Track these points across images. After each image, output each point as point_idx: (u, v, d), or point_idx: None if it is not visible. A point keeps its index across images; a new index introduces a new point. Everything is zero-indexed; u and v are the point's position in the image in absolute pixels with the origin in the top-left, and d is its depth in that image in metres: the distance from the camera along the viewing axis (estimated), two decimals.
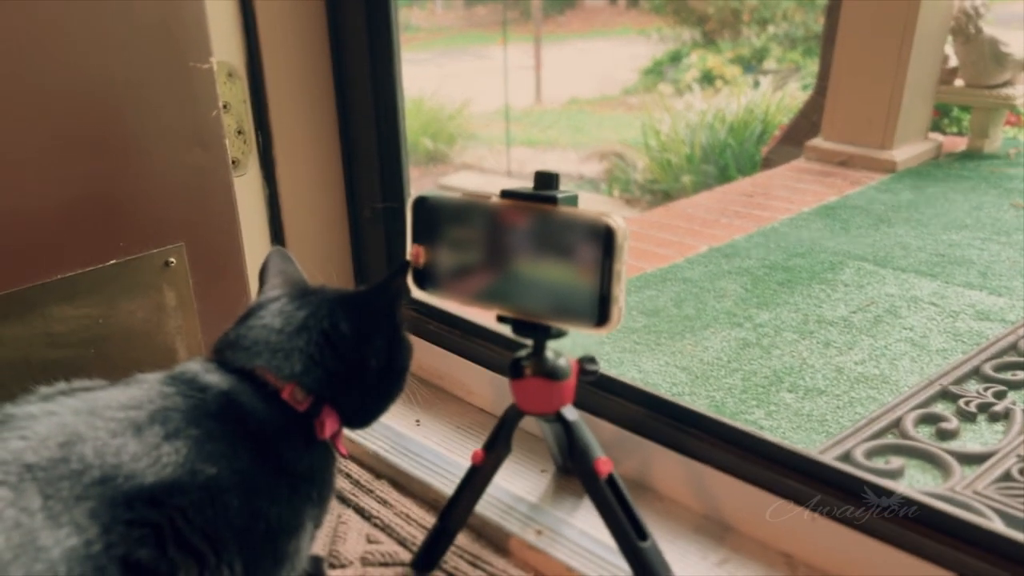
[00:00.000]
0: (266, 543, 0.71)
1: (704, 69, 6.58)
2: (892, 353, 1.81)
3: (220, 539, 0.66)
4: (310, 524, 0.76)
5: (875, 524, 0.85)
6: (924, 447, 1.43)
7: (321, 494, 0.77)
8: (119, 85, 0.91)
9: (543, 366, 0.86)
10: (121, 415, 0.66)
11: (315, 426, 0.75)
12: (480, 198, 0.81)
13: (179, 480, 0.64)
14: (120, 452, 0.63)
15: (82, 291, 0.93)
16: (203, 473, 0.66)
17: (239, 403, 0.72)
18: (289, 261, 0.87)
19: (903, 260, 2.37)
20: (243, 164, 1.19)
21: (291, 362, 0.75)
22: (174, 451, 0.65)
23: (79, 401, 0.67)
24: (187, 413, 0.69)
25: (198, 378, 0.73)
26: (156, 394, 0.70)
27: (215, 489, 0.66)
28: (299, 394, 0.74)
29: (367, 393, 0.80)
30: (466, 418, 1.20)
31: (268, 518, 0.70)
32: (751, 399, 1.63)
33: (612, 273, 0.74)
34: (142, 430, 0.66)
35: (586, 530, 0.96)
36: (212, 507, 0.66)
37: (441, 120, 6.31)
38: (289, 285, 0.83)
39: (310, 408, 0.75)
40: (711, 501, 0.98)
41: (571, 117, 7.06)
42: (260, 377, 0.74)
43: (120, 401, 0.68)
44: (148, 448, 0.65)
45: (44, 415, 0.65)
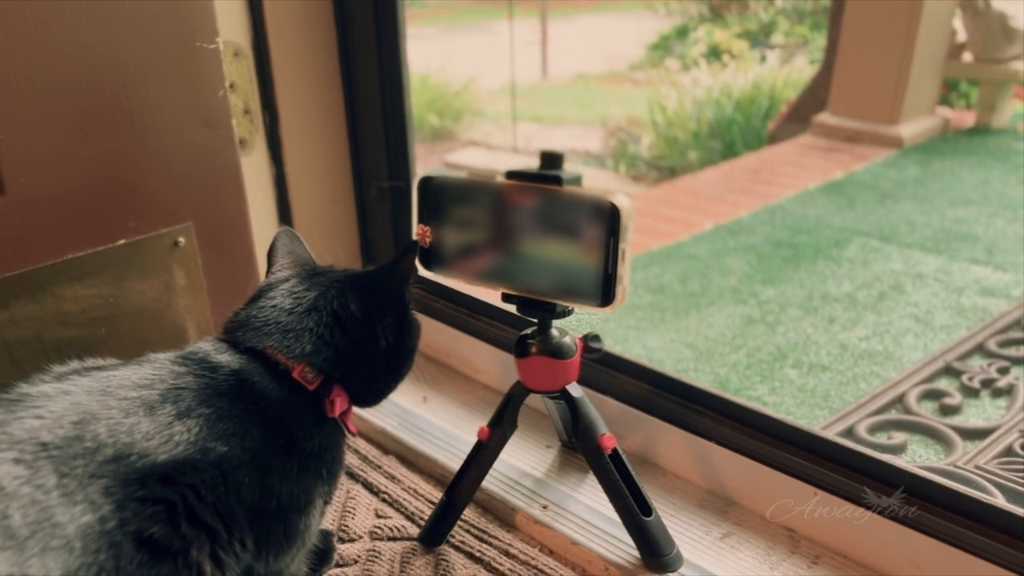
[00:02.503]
0: (277, 520, 0.72)
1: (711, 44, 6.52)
2: (896, 329, 1.81)
3: (232, 516, 0.67)
4: (320, 501, 0.77)
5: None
6: (927, 422, 1.44)
7: (331, 471, 0.78)
8: (125, 66, 0.91)
9: (548, 344, 0.87)
10: (134, 394, 0.68)
11: (325, 405, 0.77)
12: (485, 178, 0.82)
13: (191, 458, 0.66)
14: (133, 431, 0.64)
15: (92, 271, 0.94)
16: (215, 451, 0.67)
17: (250, 382, 0.73)
18: (297, 241, 0.88)
19: (908, 236, 2.36)
20: (250, 144, 1.20)
21: (301, 342, 0.76)
22: (186, 430, 0.67)
23: (92, 381, 0.68)
24: (199, 392, 0.70)
25: (209, 358, 0.74)
26: (168, 373, 0.71)
27: (227, 467, 0.67)
28: (309, 373, 0.75)
29: (376, 372, 0.81)
30: (472, 395, 1.21)
31: (279, 495, 0.71)
32: (755, 375, 1.64)
33: (617, 253, 0.75)
34: (154, 409, 0.67)
35: (591, 504, 0.98)
36: (224, 485, 0.67)
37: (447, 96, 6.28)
38: (298, 266, 0.83)
39: (320, 387, 0.76)
40: (715, 476, 1.00)
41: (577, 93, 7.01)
42: (271, 357, 0.75)
43: (132, 380, 0.69)
44: (160, 427, 0.66)
45: (58, 394, 0.66)
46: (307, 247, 0.88)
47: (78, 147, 0.90)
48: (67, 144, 0.89)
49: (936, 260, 2.19)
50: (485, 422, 0.93)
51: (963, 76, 3.89)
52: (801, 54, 5.98)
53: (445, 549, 0.94)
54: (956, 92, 4.17)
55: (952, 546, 0.81)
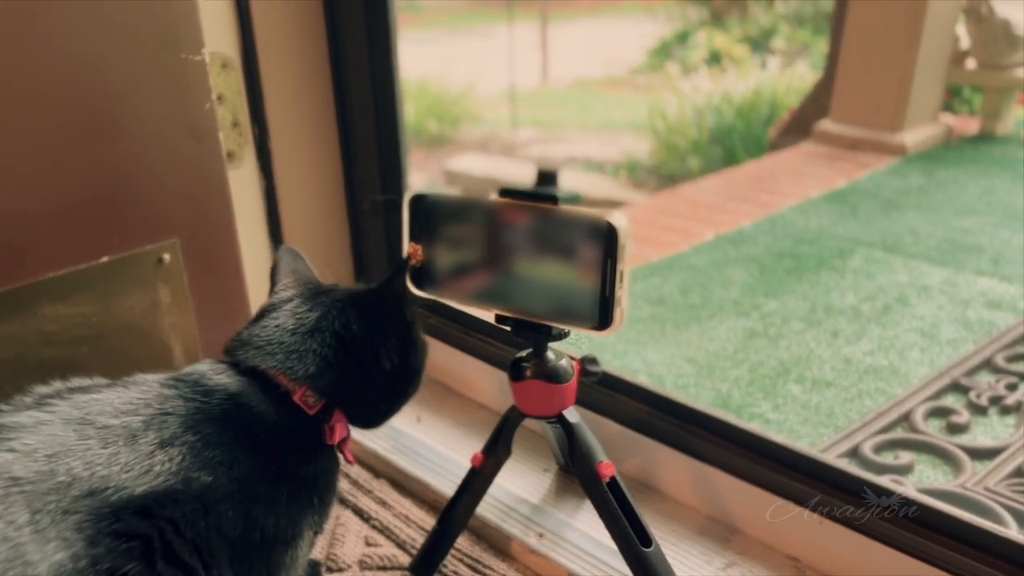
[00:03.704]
0: (260, 554, 0.69)
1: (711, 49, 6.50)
2: (901, 343, 1.78)
3: (212, 552, 0.64)
4: (308, 532, 0.74)
5: (882, 528, 0.84)
6: (934, 441, 1.41)
7: (323, 499, 0.75)
8: (107, 78, 0.89)
9: (544, 368, 0.84)
10: (115, 422, 0.65)
11: (324, 431, 0.74)
12: (478, 196, 0.79)
13: (172, 489, 0.63)
14: (111, 462, 0.62)
15: (75, 289, 0.92)
16: (198, 481, 0.65)
17: (247, 406, 0.71)
18: (300, 259, 0.86)
19: (913, 247, 2.33)
20: (239, 157, 1.17)
21: (305, 364, 0.74)
22: (168, 459, 0.64)
23: (72, 407, 0.66)
24: (186, 418, 0.68)
25: (204, 380, 0.72)
26: (155, 397, 0.69)
27: (209, 499, 0.65)
28: (311, 397, 0.73)
29: (380, 395, 0.79)
30: (467, 414, 1.18)
31: (264, 528, 0.69)
32: (758, 391, 1.61)
33: (614, 274, 0.72)
34: (136, 437, 0.64)
35: (589, 533, 0.95)
36: (205, 519, 0.64)
37: (446, 102, 6.25)
38: (302, 285, 0.81)
39: (320, 412, 0.74)
40: (716, 502, 0.97)
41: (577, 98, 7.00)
42: (272, 379, 0.73)
43: (115, 406, 0.67)
44: (141, 457, 0.63)
45: (34, 424, 0.63)
46: (309, 265, 0.86)
47: (59, 162, 0.87)
48: (47, 159, 0.86)
49: (941, 271, 2.16)
50: (480, 443, 0.91)
51: (966, 83, 3.87)
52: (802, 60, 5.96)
53: None
54: (959, 98, 4.15)
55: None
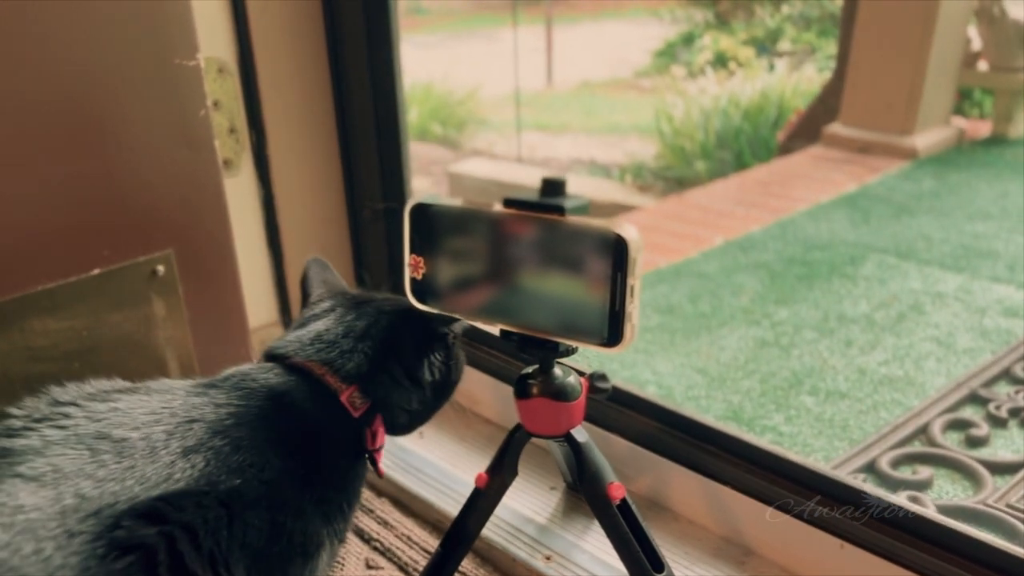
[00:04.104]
0: (281, 565, 0.66)
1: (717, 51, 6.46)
2: (917, 353, 1.75)
3: (230, 566, 0.61)
4: (329, 542, 0.72)
5: (904, 552, 0.80)
6: (953, 455, 1.37)
7: (351, 505, 0.75)
8: (99, 85, 0.86)
9: (551, 385, 0.80)
10: (134, 435, 0.63)
11: (366, 435, 0.75)
12: (481, 206, 0.76)
13: (191, 490, 0.60)
14: (125, 476, 0.60)
15: (64, 303, 0.89)
16: (225, 484, 0.62)
17: (290, 405, 0.71)
18: (329, 270, 0.87)
19: (926, 253, 2.30)
20: (236, 164, 1.14)
21: (357, 364, 0.75)
22: (190, 466, 0.62)
23: (89, 418, 0.64)
24: (215, 423, 0.66)
25: (245, 380, 0.72)
26: (180, 405, 0.67)
27: (236, 506, 0.62)
28: (357, 399, 0.74)
29: (420, 405, 0.80)
30: (471, 430, 1.15)
31: (291, 535, 0.66)
32: (770, 403, 1.58)
33: (624, 288, 0.68)
34: (156, 450, 0.62)
35: (598, 555, 0.92)
36: (229, 528, 0.61)
37: (451, 105, 6.23)
38: (339, 296, 0.82)
39: (363, 415, 0.74)
40: (730, 523, 0.93)
41: (583, 100, 6.97)
42: (320, 378, 0.73)
43: (136, 416, 0.65)
44: (160, 467, 0.61)
45: (43, 446, 0.61)
46: (339, 275, 0.87)
47: (48, 171, 0.85)
48: (36, 168, 0.84)
49: (956, 278, 2.12)
50: (485, 460, 0.87)
51: (978, 85, 3.83)
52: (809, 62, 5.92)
53: None
54: (969, 101, 4.11)
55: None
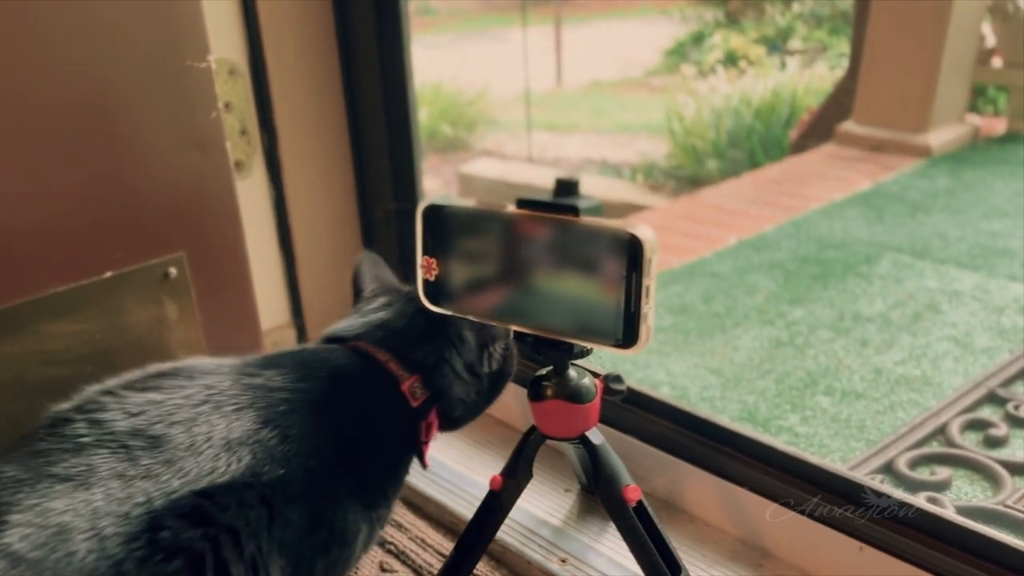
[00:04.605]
0: (323, 553, 0.66)
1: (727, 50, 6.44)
2: (934, 352, 1.73)
3: (268, 564, 0.61)
4: (368, 527, 0.72)
5: (925, 555, 0.79)
6: (972, 456, 1.36)
7: (394, 492, 0.76)
8: (110, 87, 0.86)
9: (565, 387, 0.80)
10: (174, 430, 0.62)
11: (421, 427, 0.76)
12: (495, 207, 0.75)
13: (235, 484, 0.60)
14: (161, 473, 0.59)
15: (77, 306, 0.89)
16: (267, 475, 0.62)
17: (348, 389, 0.72)
18: (381, 265, 0.88)
19: (942, 251, 2.27)
20: (247, 166, 1.14)
21: (421, 354, 0.76)
22: (235, 459, 0.62)
23: (126, 414, 0.63)
24: (266, 410, 0.66)
25: (309, 361, 0.72)
26: (228, 391, 0.67)
27: (278, 500, 0.62)
28: (418, 389, 0.75)
29: (477, 397, 0.82)
30: (485, 432, 1.14)
31: (331, 523, 0.67)
32: (785, 403, 1.56)
33: (640, 289, 0.67)
34: (197, 444, 0.62)
35: (614, 558, 0.91)
36: (269, 528, 0.61)
37: (460, 105, 6.23)
38: (394, 291, 0.83)
39: (421, 406, 0.75)
40: (747, 525, 0.92)
41: (593, 100, 6.95)
42: (383, 364, 0.74)
43: (178, 409, 0.64)
44: (203, 461, 0.61)
45: (79, 446, 0.60)
46: (390, 271, 0.88)
47: (59, 174, 0.85)
48: (47, 171, 0.83)
49: (973, 277, 2.09)
50: (499, 462, 0.86)
51: (993, 82, 3.79)
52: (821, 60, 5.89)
53: None
54: (984, 98, 4.07)
55: None
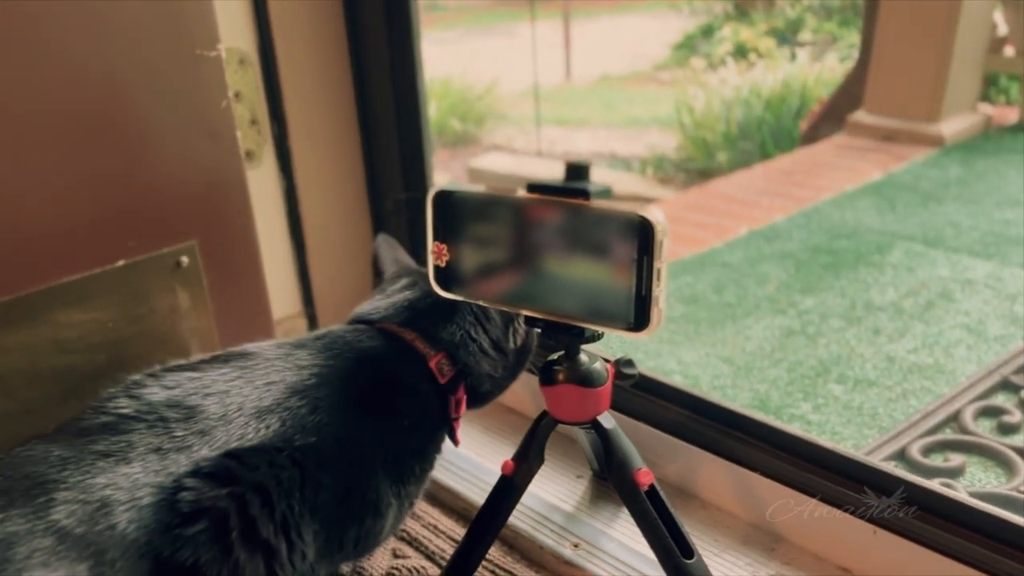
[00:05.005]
0: (353, 522, 0.68)
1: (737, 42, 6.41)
2: (947, 340, 1.72)
3: (299, 527, 0.62)
4: (398, 503, 0.74)
5: (940, 537, 0.79)
6: (985, 442, 1.35)
7: (423, 470, 0.78)
8: (121, 77, 0.86)
9: (577, 371, 0.80)
10: (208, 401, 0.64)
11: (451, 402, 0.78)
12: (505, 192, 0.75)
13: (264, 447, 0.62)
14: (194, 443, 0.61)
15: (90, 294, 0.89)
16: (299, 441, 0.64)
17: (377, 366, 0.74)
18: (398, 249, 0.92)
19: (955, 240, 2.26)
20: (258, 156, 1.14)
21: (447, 332, 0.78)
22: (264, 426, 0.64)
23: (164, 388, 0.65)
24: (294, 384, 0.68)
25: (338, 341, 0.75)
26: (259, 368, 0.69)
27: (309, 464, 0.64)
28: (445, 365, 0.77)
29: (503, 372, 0.84)
30: (496, 419, 1.14)
31: (363, 493, 0.69)
32: (797, 391, 1.56)
33: (651, 272, 0.67)
34: (229, 415, 0.64)
35: (626, 543, 0.91)
36: (300, 490, 0.62)
37: (469, 100, 6.23)
38: (415, 272, 0.85)
39: (449, 382, 0.77)
40: (760, 510, 0.92)
41: (602, 94, 6.94)
42: (409, 344, 0.76)
43: (212, 383, 0.67)
44: (233, 429, 0.63)
45: (118, 422, 0.62)
46: (406, 253, 0.91)
47: (70, 163, 0.85)
48: (58, 160, 0.84)
49: (986, 265, 2.08)
50: (511, 449, 0.86)
51: (1005, 71, 3.77)
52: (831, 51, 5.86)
53: None
54: (995, 88, 4.05)
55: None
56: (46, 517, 0.54)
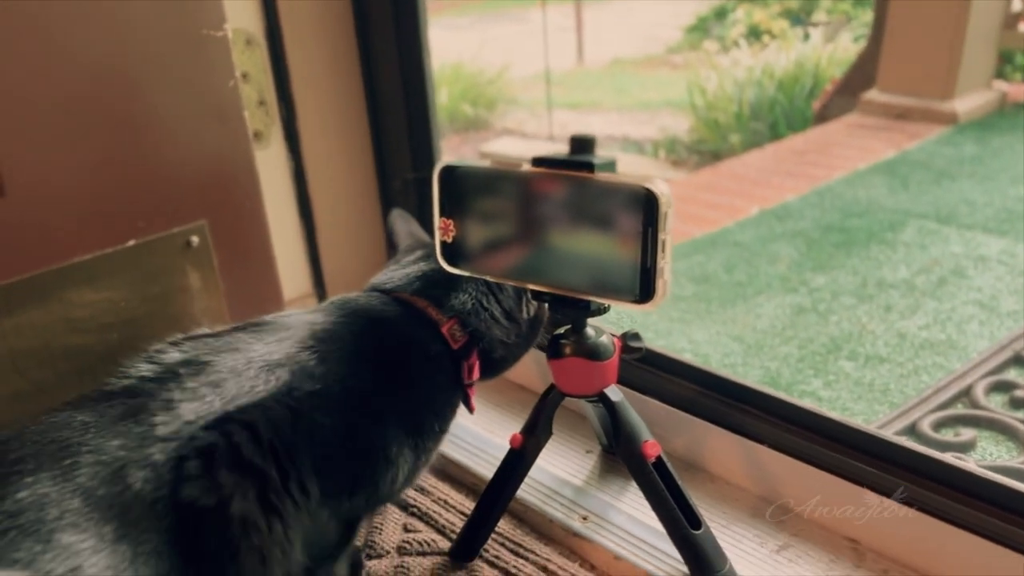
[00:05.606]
0: (355, 464, 0.70)
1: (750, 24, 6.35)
2: (959, 316, 1.71)
3: (294, 457, 0.65)
4: (414, 455, 0.75)
5: (948, 507, 0.79)
6: (997, 417, 1.35)
7: (440, 428, 0.79)
8: (128, 58, 0.86)
9: (584, 345, 0.80)
10: (220, 358, 0.68)
11: (463, 368, 0.79)
12: (511, 166, 0.75)
13: (264, 399, 0.65)
14: (206, 395, 0.64)
15: (101, 274, 0.90)
16: (300, 390, 0.67)
17: (390, 326, 0.77)
18: (413, 223, 0.94)
19: (968, 217, 2.25)
20: (266, 136, 1.15)
21: (459, 301, 0.80)
22: (274, 378, 0.67)
23: (179, 351, 0.69)
24: (304, 340, 0.71)
25: (351, 301, 0.78)
26: (271, 328, 0.73)
27: (306, 406, 0.67)
28: (457, 331, 0.79)
29: (516, 340, 0.84)
30: (504, 395, 1.15)
31: (369, 437, 0.71)
32: (808, 368, 1.56)
33: (656, 243, 0.67)
34: (239, 369, 0.67)
35: (635, 515, 0.91)
36: (294, 424, 0.65)
37: (481, 85, 6.20)
38: (428, 245, 0.87)
39: (462, 348, 0.79)
40: (768, 482, 0.92)
41: (614, 78, 6.90)
42: (422, 310, 0.79)
43: (226, 343, 0.70)
44: (243, 382, 0.66)
45: (139, 383, 0.66)
46: (420, 227, 0.93)
47: (80, 144, 0.86)
48: (68, 141, 0.85)
49: (999, 242, 2.07)
50: (519, 424, 0.87)
51: (1020, 47, 3.72)
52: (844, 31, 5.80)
53: (478, 564, 0.88)
54: (1011, 64, 4.00)
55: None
56: (73, 479, 0.57)
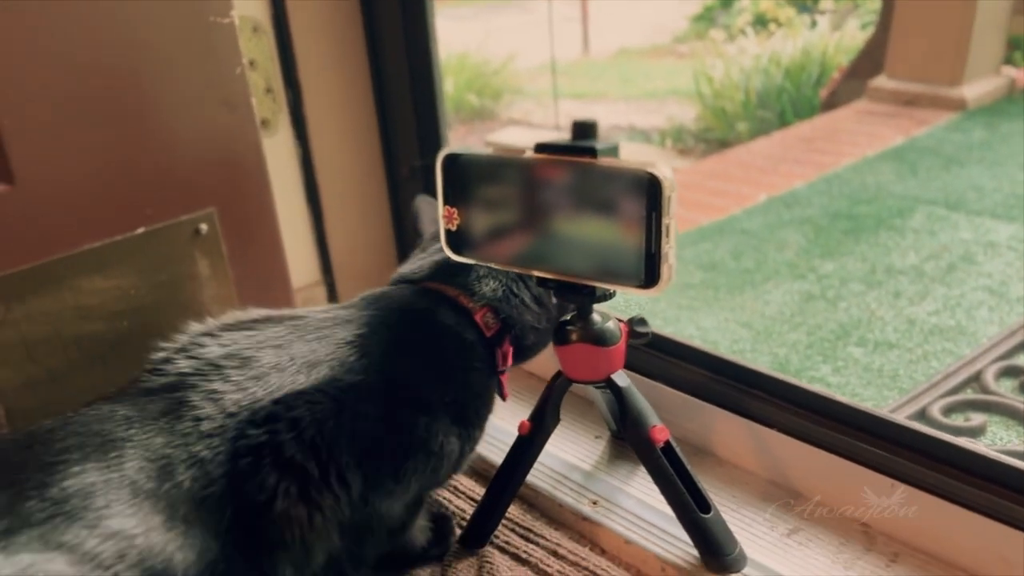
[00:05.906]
0: (398, 456, 0.70)
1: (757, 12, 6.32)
2: (968, 302, 1.71)
3: (333, 451, 0.65)
4: (460, 444, 0.76)
5: (959, 490, 0.79)
6: (1007, 402, 1.34)
7: (482, 415, 0.80)
8: (136, 45, 0.87)
9: (590, 331, 0.80)
10: (262, 352, 0.69)
11: (497, 355, 0.80)
12: (513, 153, 0.75)
13: (306, 390, 0.66)
14: (249, 386, 0.66)
15: (111, 262, 0.91)
16: (342, 382, 0.68)
17: (426, 317, 0.77)
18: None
19: (977, 203, 2.24)
20: (273, 124, 1.15)
21: (489, 288, 0.81)
22: (316, 373, 0.68)
23: (220, 345, 0.70)
24: (343, 337, 0.72)
25: (382, 297, 0.79)
26: (310, 324, 0.73)
27: (349, 397, 0.68)
28: (490, 318, 0.79)
29: (548, 322, 0.85)
30: (514, 382, 1.14)
31: (412, 428, 0.71)
32: (816, 354, 1.56)
33: (660, 228, 0.67)
34: (282, 365, 0.68)
35: (645, 499, 0.91)
36: (337, 416, 0.66)
37: (486, 75, 6.18)
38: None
39: (495, 335, 0.79)
40: (778, 467, 0.92)
41: (620, 68, 6.88)
42: (455, 299, 0.79)
43: (266, 338, 0.71)
44: (285, 376, 0.67)
45: (179, 380, 0.67)
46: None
47: (89, 132, 0.86)
48: (77, 129, 0.85)
49: (1008, 227, 2.06)
50: (528, 410, 0.87)
51: None
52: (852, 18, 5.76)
53: (489, 551, 0.88)
54: (1020, 51, 3.97)
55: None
56: (120, 470, 0.58)
